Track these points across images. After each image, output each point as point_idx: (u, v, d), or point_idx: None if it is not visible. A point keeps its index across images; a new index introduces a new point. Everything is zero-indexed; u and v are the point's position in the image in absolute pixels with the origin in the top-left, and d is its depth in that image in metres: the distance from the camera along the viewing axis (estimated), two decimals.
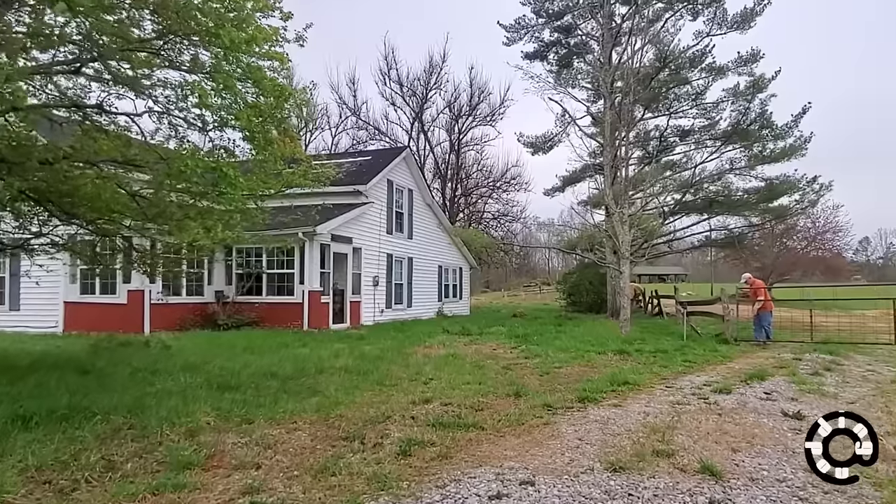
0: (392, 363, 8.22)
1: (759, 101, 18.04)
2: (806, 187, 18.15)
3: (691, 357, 9.05)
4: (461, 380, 6.82)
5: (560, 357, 9.05)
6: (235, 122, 5.39)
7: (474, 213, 29.38)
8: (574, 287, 25.37)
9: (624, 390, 6.29)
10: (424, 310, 19.07)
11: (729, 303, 11.92)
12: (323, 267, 13.87)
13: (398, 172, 17.74)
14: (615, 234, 13.18)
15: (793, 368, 7.81)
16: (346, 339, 11.59)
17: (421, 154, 28.95)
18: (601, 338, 11.68)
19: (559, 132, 22.18)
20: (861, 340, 11.09)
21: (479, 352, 9.95)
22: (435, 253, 20.10)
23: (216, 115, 5.23)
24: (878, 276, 74.97)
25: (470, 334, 13.33)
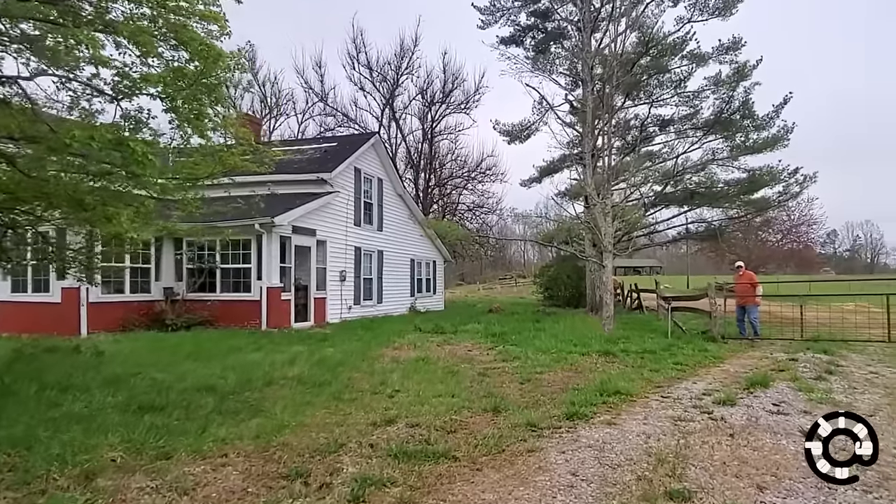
0: (354, 370, 7.38)
1: (744, 89, 17.69)
2: (788, 179, 17.91)
3: (681, 358, 8.46)
4: (432, 391, 6.03)
5: (541, 359, 8.36)
6: (153, 89, 4.44)
7: (448, 205, 28.53)
8: (552, 281, 24.88)
9: (616, 402, 5.60)
10: (396, 306, 18.23)
11: (716, 298, 11.42)
12: (283, 261, 12.88)
13: (366, 160, 16.76)
14: (597, 226, 12.55)
15: (793, 372, 7.27)
16: (307, 340, 10.68)
17: (392, 143, 27.90)
18: (583, 336, 11.06)
19: (536, 120, 21.51)
20: (854, 338, 10.71)
21: (452, 353, 9.19)
22: (407, 246, 19.23)
23: (127, 80, 4.26)
24: (844, 267, 77.38)
25: (443, 332, 12.58)
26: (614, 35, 16.46)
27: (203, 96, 5.08)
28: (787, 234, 32.50)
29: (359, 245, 16.10)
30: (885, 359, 8.88)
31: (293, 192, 14.06)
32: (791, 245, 32.63)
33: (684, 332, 11.93)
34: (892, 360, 8.74)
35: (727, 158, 18.85)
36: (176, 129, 4.80)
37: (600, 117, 16.92)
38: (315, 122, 29.45)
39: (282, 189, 14.38)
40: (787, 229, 32.09)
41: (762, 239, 33.11)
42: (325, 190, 14.36)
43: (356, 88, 28.62)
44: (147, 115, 4.55)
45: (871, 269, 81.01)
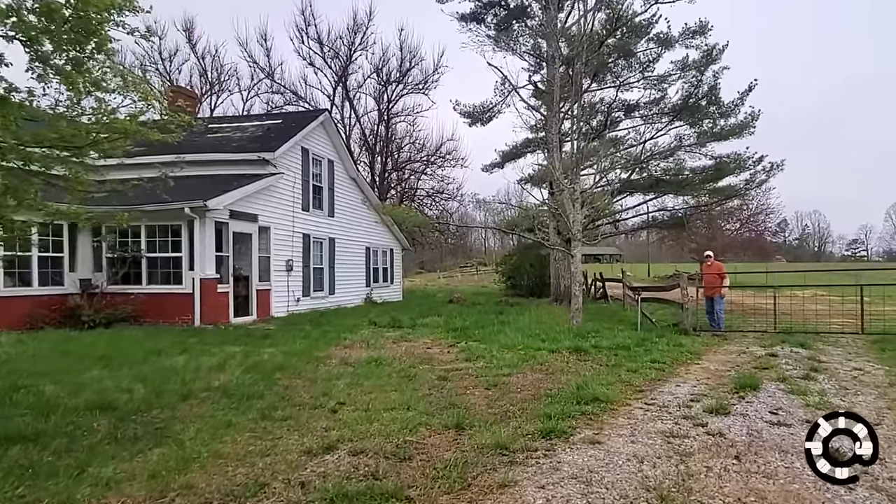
0: (295, 376, 6.49)
1: (712, 73, 17.48)
2: (754, 166, 17.90)
3: (657, 355, 7.97)
4: (383, 402, 5.24)
5: (507, 358, 7.69)
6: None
7: (407, 190, 27.53)
8: (514, 269, 24.48)
9: (596, 412, 4.96)
10: (350, 297, 17.26)
11: (688, 287, 11.06)
12: (220, 250, 11.72)
13: (315, 140, 15.61)
14: (564, 213, 11.98)
15: (778, 370, 6.87)
16: (245, 338, 9.66)
17: (346, 124, 26.58)
18: (551, 330, 10.49)
19: (499, 102, 20.79)
20: (822, 328, 10.59)
21: (409, 353, 8.40)
22: (361, 233, 18.22)
23: None
24: (793, 255, 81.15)
25: (401, 327, 11.79)
26: (583, 12, 15.87)
27: (88, 42, 4.03)
28: (746, 222, 33.16)
29: (307, 232, 15.01)
30: (861, 352, 8.70)
31: (232, 174, 12.87)
32: (749, 234, 33.34)
33: (654, 325, 11.56)
34: (868, 353, 8.56)
35: (694, 145, 18.70)
36: (38, 79, 3.75)
37: (567, 99, 16.36)
38: (262, 101, 27.79)
39: (219, 170, 13.16)
40: (746, 218, 32.72)
41: (722, 228, 33.68)
42: (268, 171, 13.19)
43: (305, 64, 27.06)
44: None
45: (819, 258, 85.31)
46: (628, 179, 20.25)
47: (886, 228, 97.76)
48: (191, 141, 14.86)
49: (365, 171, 26.96)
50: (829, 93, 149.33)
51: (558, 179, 11.82)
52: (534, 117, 21.06)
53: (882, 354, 8.32)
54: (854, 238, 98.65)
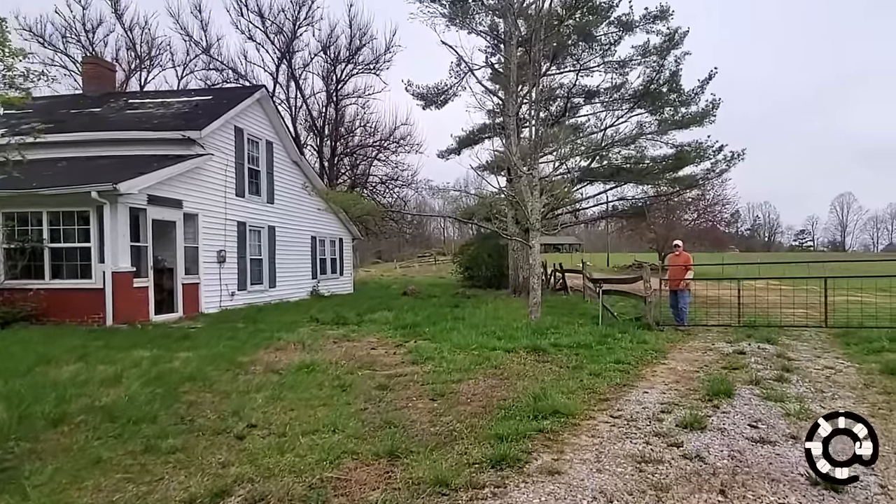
0: (205, 389, 5.60)
1: (674, 58, 17.23)
2: (714, 155, 17.86)
3: (620, 354, 7.47)
4: (306, 422, 4.45)
5: (459, 361, 7.02)
6: None
7: (359, 177, 26.37)
8: (472, 260, 23.89)
9: (556, 429, 4.33)
10: (294, 290, 16.22)
11: (651, 279, 10.68)
12: (137, 239, 10.53)
13: (251, 119, 14.41)
14: (522, 201, 11.37)
15: (750, 371, 6.45)
16: (161, 340, 8.61)
17: (292, 105, 25.08)
18: (507, 327, 9.91)
19: (455, 83, 20.01)
20: (783, 320, 10.42)
21: (350, 355, 7.61)
22: (306, 221, 17.14)
23: None
24: (745, 246, 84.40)
25: (345, 324, 10.97)
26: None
27: None
28: (703, 213, 33.77)
29: (243, 220, 13.87)
30: (827, 346, 8.52)
31: (152, 155, 11.64)
32: (706, 224, 34.00)
33: (616, 319, 11.16)
34: (834, 347, 8.37)
35: (655, 133, 18.50)
36: None
37: (525, 82, 15.79)
38: (198, 78, 25.90)
39: (138, 150, 11.90)
40: (703, 208, 33.30)
41: (679, 218, 34.19)
42: (195, 152, 11.99)
43: (245, 38, 25.29)
44: None
45: (769, 247, 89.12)
46: (588, 168, 19.93)
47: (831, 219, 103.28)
48: (106, 117, 13.46)
49: (313, 156, 25.69)
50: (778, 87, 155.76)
51: (516, 165, 11.19)
52: (491, 101, 20.41)
53: (847, 349, 8.13)
54: (801, 229, 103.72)
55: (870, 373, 6.45)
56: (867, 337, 8.74)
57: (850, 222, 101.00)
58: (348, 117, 26.40)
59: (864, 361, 7.12)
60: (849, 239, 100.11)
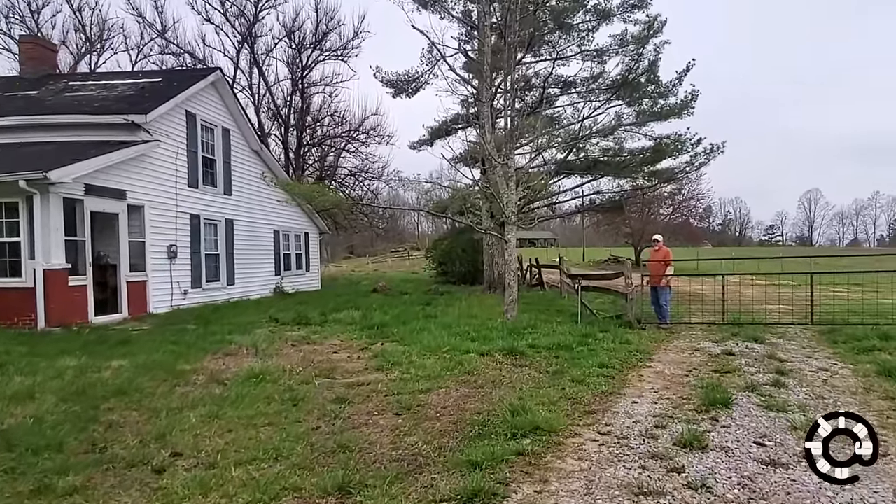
0: (133, 406, 4.89)
1: (653, 47, 16.89)
2: (693, 148, 17.64)
3: (603, 357, 7.00)
4: (244, 448, 3.82)
5: (429, 366, 6.45)
6: None
7: (327, 168, 25.44)
8: (445, 255, 23.34)
9: (538, 450, 3.79)
10: (255, 287, 15.38)
11: (632, 276, 10.29)
12: (74, 233, 9.62)
13: (205, 104, 13.49)
14: (497, 193, 10.83)
15: (743, 376, 6.04)
16: (96, 345, 7.80)
17: (255, 92, 23.92)
18: (482, 326, 9.38)
19: (426, 71, 19.32)
20: (764, 317, 10.14)
21: (309, 360, 6.96)
22: (268, 214, 16.25)
23: None
24: (717, 240, 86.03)
25: (307, 324, 10.30)
26: None
27: None
28: (678, 207, 33.95)
29: (197, 212, 12.97)
30: (814, 344, 8.24)
31: (92, 140, 10.70)
32: (681, 219, 34.18)
33: (595, 317, 10.74)
34: (822, 346, 8.08)
35: (634, 124, 18.18)
36: None
37: (500, 69, 15.25)
38: (153, 62, 24.55)
39: (76, 135, 10.95)
40: (679, 203, 33.47)
41: (655, 213, 34.31)
42: (140, 138, 11.06)
43: (202, 19, 23.98)
44: None
45: (740, 242, 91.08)
46: (565, 160, 19.53)
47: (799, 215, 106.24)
48: (43, 101, 12.41)
49: (277, 146, 24.66)
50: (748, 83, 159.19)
51: (490, 155, 10.62)
52: (465, 90, 19.82)
53: (836, 348, 7.85)
54: (771, 224, 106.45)
55: (866, 375, 6.11)
56: (853, 334, 8.49)
57: (816, 218, 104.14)
58: (315, 106, 25.45)
59: (857, 362, 6.80)
60: (816, 234, 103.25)
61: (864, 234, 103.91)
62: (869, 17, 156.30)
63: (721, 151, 16.93)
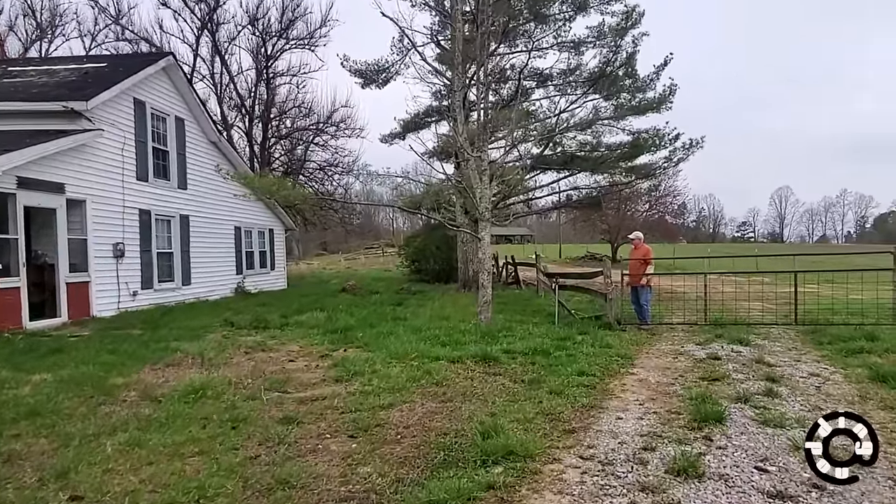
0: (44, 430, 4.24)
1: (632, 39, 16.57)
2: (671, 143, 17.42)
3: (583, 363, 6.57)
4: (162, 487, 3.24)
5: (394, 376, 5.92)
6: None
7: (294, 162, 24.56)
8: (419, 252, 22.75)
9: (511, 482, 3.29)
10: (214, 287, 14.58)
11: (611, 275, 9.90)
12: (5, 231, 8.78)
13: (156, 91, 12.63)
14: (470, 188, 10.32)
15: (733, 384, 5.65)
16: (23, 354, 7.05)
17: (217, 83, 22.87)
18: (454, 329, 8.89)
19: (397, 61, 18.69)
20: (754, 320, 9.86)
21: (259, 371, 6.35)
22: (229, 209, 15.42)
23: None
24: (691, 237, 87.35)
25: (266, 328, 9.66)
26: None
27: None
28: (654, 204, 34.00)
29: (147, 207, 12.14)
30: (799, 345, 7.98)
31: (27, 129, 9.82)
32: (658, 216, 34.25)
33: (574, 317, 10.35)
34: (807, 348, 7.79)
35: (611, 118, 17.88)
36: None
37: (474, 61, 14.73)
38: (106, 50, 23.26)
39: (9, 124, 10.07)
40: (655, 200, 33.51)
41: (631, 209, 34.31)
42: (81, 127, 10.21)
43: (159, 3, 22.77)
44: None
45: (714, 239, 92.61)
46: (541, 155, 19.14)
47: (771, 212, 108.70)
48: None
49: (242, 139, 23.71)
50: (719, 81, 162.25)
51: (462, 148, 10.11)
52: (438, 82, 19.27)
53: (823, 350, 7.57)
54: (743, 220, 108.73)
55: (860, 381, 5.79)
56: (838, 335, 8.25)
57: (787, 214, 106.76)
58: (282, 98, 24.53)
59: (847, 366, 6.50)
60: (787, 231, 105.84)
61: (833, 230, 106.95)
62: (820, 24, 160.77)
63: (700, 147, 16.75)
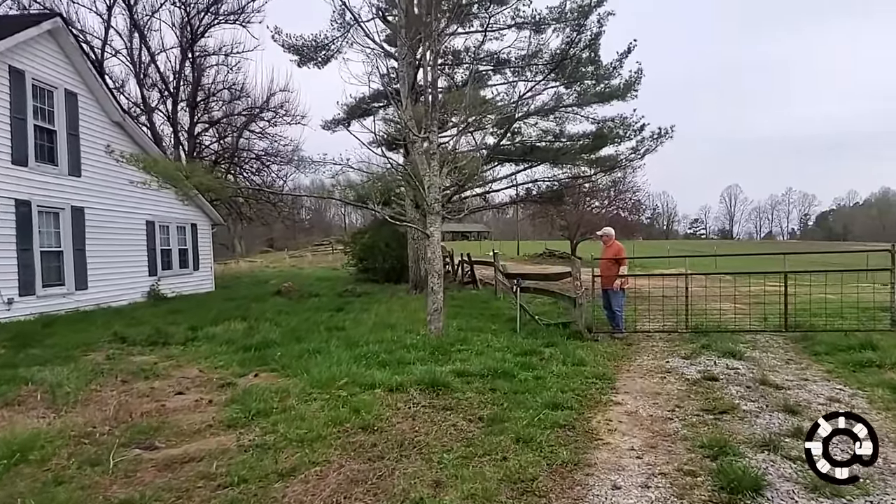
0: None
1: (597, 18, 15.54)
2: (637, 134, 16.53)
3: (553, 386, 5.36)
4: None
5: (309, 417, 4.53)
6: None
7: (227, 151, 22.41)
8: (367, 250, 21.14)
9: None
10: (119, 291, 12.63)
11: (581, 275, 8.75)
12: None
13: (39, 59, 10.62)
14: (418, 177, 8.94)
15: (744, 418, 4.52)
16: None
17: (136, 61, 20.46)
18: (398, 342, 7.54)
19: (338, 37, 17.05)
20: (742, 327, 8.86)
21: (127, 413, 4.81)
22: (138, 201, 13.37)
23: None
24: (645, 234, 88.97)
25: (166, 343, 8.07)
26: None
27: None
28: (614, 200, 33.55)
29: (26, 197, 10.13)
30: (795, 357, 7.07)
31: None
32: (616, 212, 33.80)
33: (538, 323, 9.15)
34: (801, 358, 6.87)
35: (574, 105, 16.85)
36: None
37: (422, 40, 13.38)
38: None
39: None
40: (614, 196, 33.05)
41: (589, 205, 33.76)
42: None
43: None
44: None
45: (667, 236, 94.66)
46: (499, 145, 17.96)
47: (721, 209, 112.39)
48: None
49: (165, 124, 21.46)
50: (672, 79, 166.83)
51: (408, 128, 8.73)
52: (385, 65, 17.75)
53: (822, 362, 6.66)
54: (695, 218, 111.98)
55: (888, 406, 4.81)
56: (831, 343, 7.36)
57: (736, 212, 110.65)
58: (213, 80, 22.33)
59: (862, 384, 5.52)
60: (736, 227, 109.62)
61: (779, 227, 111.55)
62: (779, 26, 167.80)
63: (669, 137, 15.91)
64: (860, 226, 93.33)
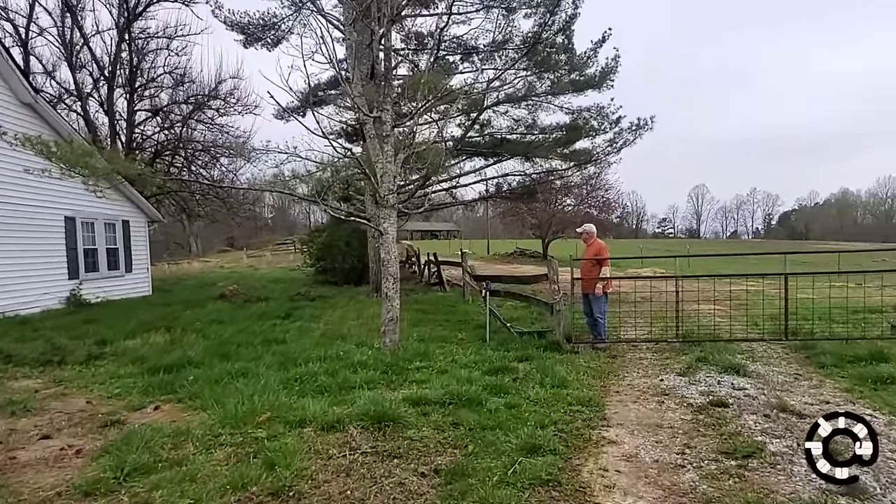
0: None
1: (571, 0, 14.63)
2: (613, 126, 15.72)
3: (530, 417, 4.36)
4: None
5: (204, 474, 3.47)
6: None
7: (171, 141, 20.66)
8: (324, 249, 19.77)
9: None
10: (30, 298, 11.06)
11: (558, 278, 7.77)
12: None
13: None
14: (369, 163, 7.81)
15: (777, 464, 3.57)
16: None
17: (68, 42, 18.57)
18: (346, 357, 6.44)
19: (290, 15, 15.72)
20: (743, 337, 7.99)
21: None
22: (55, 194, 11.77)
23: None
24: (615, 233, 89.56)
25: (62, 362, 6.80)
26: None
27: None
28: (586, 197, 32.89)
29: None
30: (800, 370, 6.26)
31: None
32: (588, 210, 33.14)
33: (510, 331, 8.14)
34: (811, 373, 6.02)
35: (547, 94, 15.93)
36: None
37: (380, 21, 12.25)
38: None
39: None
40: (586, 194, 32.40)
41: (561, 202, 33.07)
42: None
43: None
44: None
45: (636, 235, 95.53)
46: (465, 136, 16.92)
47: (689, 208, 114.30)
48: None
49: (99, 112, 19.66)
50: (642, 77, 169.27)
51: (356, 105, 7.57)
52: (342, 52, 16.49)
53: (837, 379, 5.81)
54: (664, 217, 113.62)
55: None
56: (836, 353, 6.57)
57: (703, 211, 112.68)
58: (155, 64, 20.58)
59: (892, 408, 4.67)
60: (703, 227, 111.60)
61: (744, 226, 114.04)
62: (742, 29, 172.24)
63: (649, 128, 15.09)
64: (820, 225, 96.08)
